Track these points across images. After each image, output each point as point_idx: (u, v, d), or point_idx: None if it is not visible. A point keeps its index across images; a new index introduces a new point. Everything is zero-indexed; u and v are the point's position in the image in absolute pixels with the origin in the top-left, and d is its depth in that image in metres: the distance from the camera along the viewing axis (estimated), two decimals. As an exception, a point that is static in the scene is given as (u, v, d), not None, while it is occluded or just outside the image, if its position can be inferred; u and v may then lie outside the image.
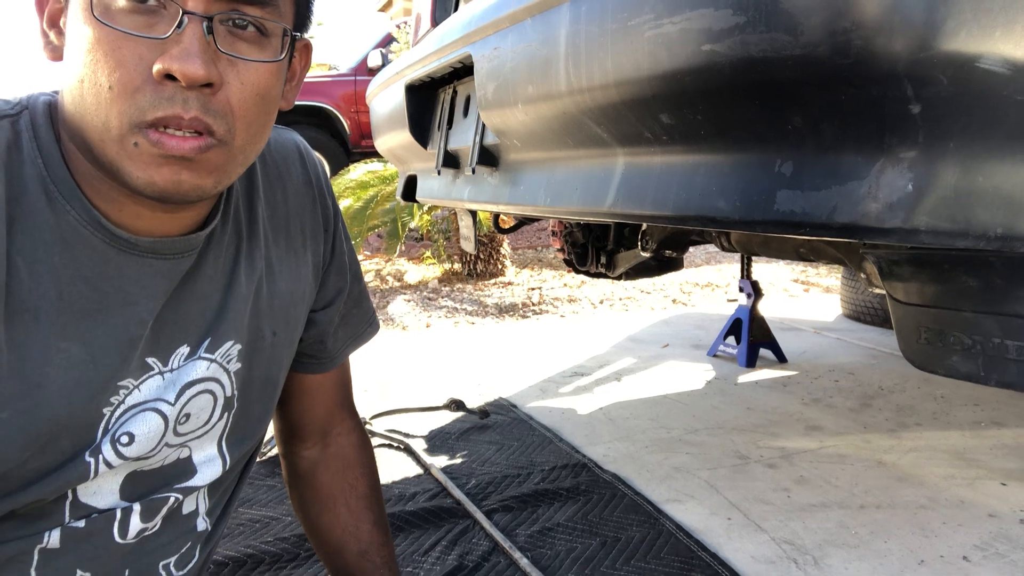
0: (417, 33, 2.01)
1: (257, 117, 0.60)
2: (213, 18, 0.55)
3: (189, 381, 0.70)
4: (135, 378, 0.66)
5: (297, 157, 0.82)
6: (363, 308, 0.94)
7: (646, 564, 1.38)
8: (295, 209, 0.80)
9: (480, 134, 1.26)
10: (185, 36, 0.54)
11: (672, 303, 4.23)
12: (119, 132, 0.54)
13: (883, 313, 3.39)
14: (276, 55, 0.60)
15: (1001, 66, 0.54)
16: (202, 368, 0.71)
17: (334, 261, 0.87)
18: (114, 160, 0.55)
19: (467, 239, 2.15)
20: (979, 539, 1.47)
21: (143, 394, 0.67)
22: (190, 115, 0.54)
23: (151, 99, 0.53)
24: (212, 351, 0.71)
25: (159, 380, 0.68)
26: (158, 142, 0.54)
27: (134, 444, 0.66)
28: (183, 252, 0.66)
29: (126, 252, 0.62)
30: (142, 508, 0.70)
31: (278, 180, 0.79)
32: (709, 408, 2.30)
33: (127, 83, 0.53)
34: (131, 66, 0.53)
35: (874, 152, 0.60)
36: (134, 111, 0.53)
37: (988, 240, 0.59)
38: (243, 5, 0.57)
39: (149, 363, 0.67)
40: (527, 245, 6.72)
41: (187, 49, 0.53)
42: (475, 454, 1.94)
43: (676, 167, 0.79)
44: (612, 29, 0.75)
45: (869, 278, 1.29)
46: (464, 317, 3.90)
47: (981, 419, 2.17)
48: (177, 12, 0.54)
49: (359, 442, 0.97)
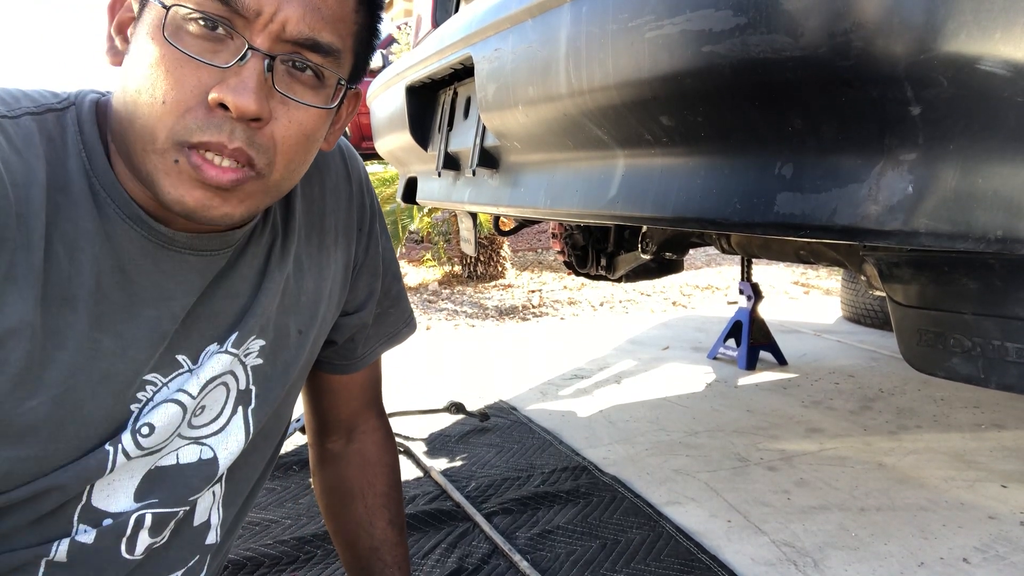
0: (418, 34, 2.01)
1: (298, 155, 0.62)
2: (276, 58, 0.57)
3: (212, 376, 0.70)
4: (164, 375, 0.66)
5: (338, 153, 0.82)
6: (401, 308, 0.95)
7: (646, 566, 1.38)
8: (331, 205, 0.80)
9: (480, 136, 1.26)
10: (245, 70, 0.56)
11: (672, 305, 4.23)
12: (163, 146, 0.56)
13: (883, 315, 3.39)
14: (328, 102, 0.62)
15: (1001, 68, 0.54)
16: (225, 362, 0.71)
17: (367, 262, 0.86)
18: (151, 172, 0.57)
19: (467, 241, 2.15)
20: (979, 541, 1.47)
21: (170, 391, 0.67)
22: (234, 145, 0.56)
23: (200, 122, 0.55)
24: (237, 346, 0.72)
25: (185, 377, 0.68)
26: (198, 167, 0.56)
27: (154, 434, 0.66)
28: (220, 249, 0.67)
29: (164, 247, 0.63)
30: (153, 522, 0.69)
31: (316, 174, 0.79)
32: (709, 410, 2.30)
33: (181, 102, 0.55)
34: (188, 87, 0.55)
35: (874, 154, 0.60)
36: (181, 129, 0.55)
37: (988, 242, 0.59)
38: (307, 51, 0.59)
39: (179, 360, 0.67)
40: (527, 247, 6.73)
41: (244, 83, 0.55)
42: (475, 457, 1.94)
43: (676, 169, 0.79)
44: (612, 30, 0.75)
45: (869, 280, 1.29)
46: (464, 319, 3.90)
47: (981, 421, 2.17)
48: (242, 46, 0.56)
49: (383, 441, 0.97)
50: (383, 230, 0.89)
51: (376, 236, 0.87)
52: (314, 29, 0.58)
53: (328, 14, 0.59)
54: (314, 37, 0.58)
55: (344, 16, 0.61)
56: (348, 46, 0.62)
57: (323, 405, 0.94)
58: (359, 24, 0.63)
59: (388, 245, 0.90)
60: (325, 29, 0.59)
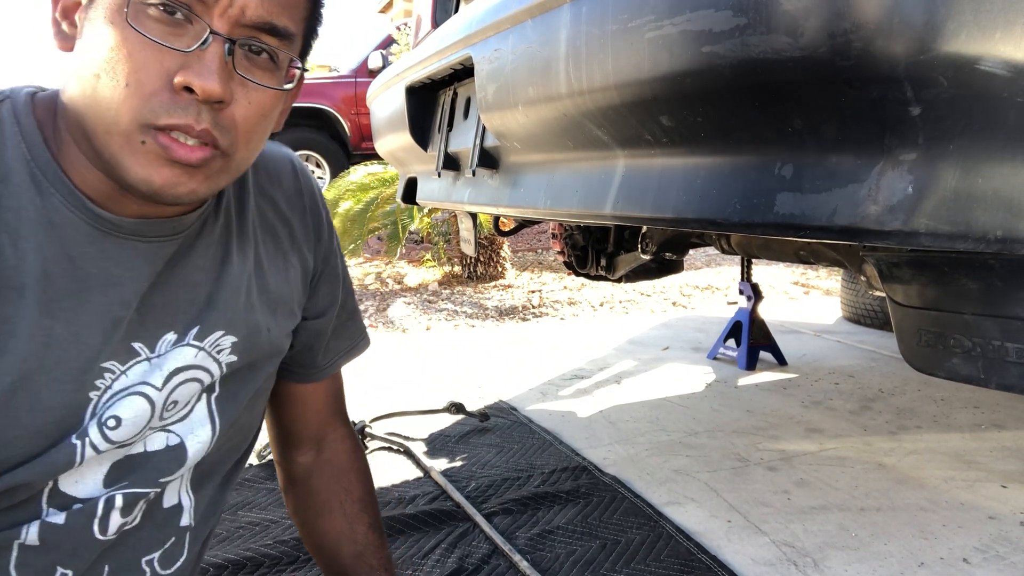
0: (417, 35, 2.01)
1: (256, 134, 0.64)
2: (236, 42, 0.59)
3: (176, 368, 0.70)
4: (121, 363, 0.66)
5: (290, 170, 0.85)
6: (356, 321, 0.97)
7: (646, 567, 1.38)
8: (286, 214, 0.83)
9: (480, 136, 1.26)
10: (207, 54, 0.58)
11: (672, 306, 4.23)
12: (128, 128, 0.57)
13: (883, 316, 3.39)
14: (280, 83, 0.65)
15: (1001, 68, 0.54)
16: (189, 355, 0.71)
17: (327, 271, 0.88)
18: (116, 154, 0.58)
19: (467, 242, 2.15)
20: (979, 541, 1.47)
21: (130, 379, 0.67)
22: (201, 126, 0.58)
23: (166, 105, 0.57)
24: (200, 339, 0.72)
25: (146, 366, 0.68)
26: (167, 147, 0.58)
27: (121, 427, 0.67)
28: (167, 235, 0.67)
29: (110, 234, 0.64)
30: (123, 503, 0.70)
31: (269, 186, 0.81)
32: (709, 411, 2.30)
33: (145, 84, 0.56)
34: (152, 70, 0.57)
35: (874, 154, 0.60)
36: (147, 112, 0.57)
37: (988, 242, 0.59)
38: (263, 34, 0.61)
39: (135, 348, 0.68)
40: (527, 248, 6.73)
41: (208, 66, 0.57)
42: (475, 457, 1.94)
43: (676, 169, 0.79)
44: (612, 31, 0.75)
45: (869, 280, 1.29)
46: (464, 320, 3.90)
47: (981, 421, 2.17)
48: (203, 30, 0.58)
49: (352, 448, 0.98)
50: (338, 244, 0.91)
51: (334, 248, 0.89)
52: (271, 13, 0.61)
53: (283, 0, 0.62)
54: (271, 21, 0.61)
55: (297, 1, 0.64)
56: (300, 30, 0.65)
57: (290, 416, 0.94)
58: (308, 9, 0.66)
59: (343, 259, 0.92)
60: (281, 14, 0.62)
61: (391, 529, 1.51)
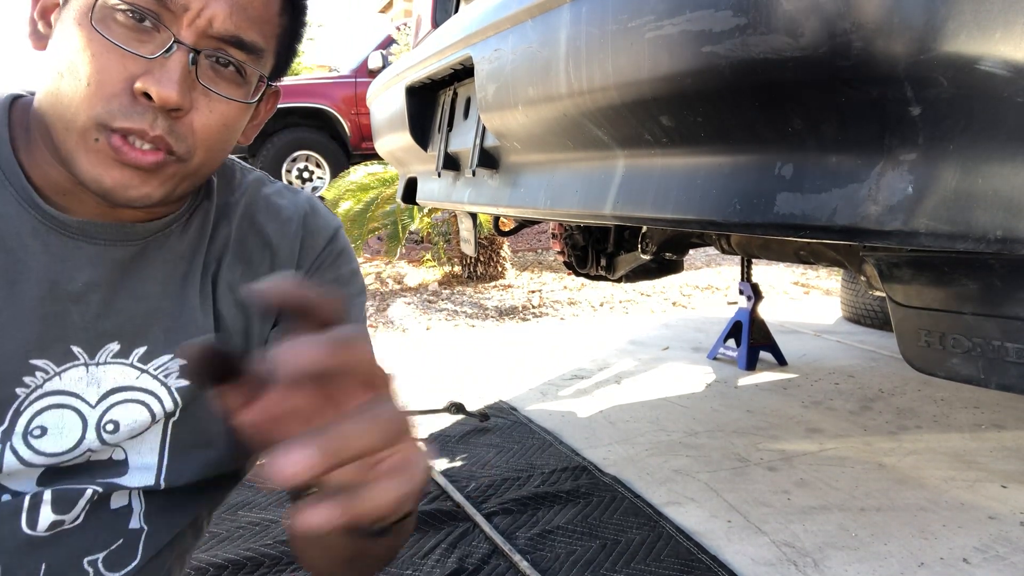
0: (417, 35, 2.01)
1: (217, 144, 0.64)
2: (200, 52, 0.60)
3: (114, 387, 0.67)
4: (56, 363, 0.65)
5: (301, 211, 0.79)
6: None
7: (646, 567, 1.38)
8: (269, 243, 0.77)
9: (480, 136, 1.26)
10: (170, 62, 0.58)
11: (672, 306, 4.23)
12: (84, 125, 0.58)
13: (883, 316, 3.39)
14: (247, 97, 0.65)
15: (1001, 68, 0.54)
16: (130, 376, 0.68)
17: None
18: (71, 150, 0.59)
19: (467, 242, 2.15)
20: (979, 541, 1.47)
21: (63, 383, 0.65)
22: (155, 133, 0.59)
23: (123, 109, 0.58)
24: (145, 361, 0.69)
25: (82, 372, 0.66)
26: (118, 148, 0.58)
27: (47, 438, 0.64)
28: (118, 240, 0.67)
29: (55, 230, 0.64)
30: (53, 498, 0.66)
31: (261, 216, 0.77)
32: (709, 411, 2.30)
33: (105, 85, 0.57)
34: (113, 73, 0.58)
35: (874, 154, 0.60)
36: (104, 112, 0.58)
37: (988, 242, 0.59)
38: (231, 47, 0.61)
39: (74, 351, 0.66)
40: (527, 248, 6.73)
41: (169, 75, 0.58)
42: (475, 457, 1.94)
43: (676, 169, 0.79)
44: (612, 31, 0.75)
45: (869, 281, 1.29)
46: (464, 320, 3.90)
47: (981, 422, 2.17)
48: (168, 39, 0.58)
49: None
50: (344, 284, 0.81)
51: (323, 279, 0.80)
52: (239, 27, 0.61)
53: (253, 14, 0.62)
54: (239, 35, 0.61)
55: (269, 18, 0.64)
56: (271, 47, 0.65)
57: None
58: (283, 27, 0.66)
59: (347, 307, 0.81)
60: (250, 28, 0.62)
61: (391, 529, 1.51)
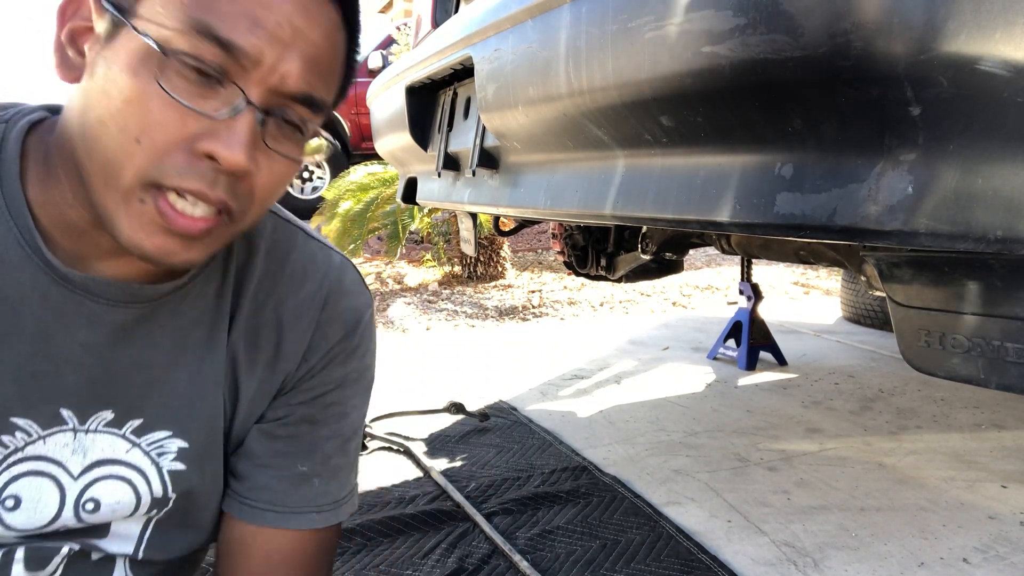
0: (417, 35, 2.01)
1: (270, 202, 0.60)
2: (270, 112, 0.55)
3: (101, 459, 0.62)
4: (41, 426, 0.59)
5: (319, 292, 0.72)
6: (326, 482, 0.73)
7: (646, 567, 1.38)
8: (279, 322, 0.70)
9: (480, 136, 1.26)
10: (238, 123, 0.52)
11: (672, 306, 4.23)
12: (129, 184, 0.52)
13: (883, 316, 3.39)
14: (302, 151, 0.60)
15: (1001, 68, 0.54)
16: (120, 448, 0.63)
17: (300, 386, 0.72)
18: (110, 208, 0.53)
19: (467, 242, 2.15)
20: (979, 541, 1.47)
21: (46, 448, 0.60)
22: (216, 195, 0.53)
23: (181, 168, 0.52)
24: (139, 435, 0.64)
25: (69, 438, 0.61)
26: (165, 214, 0.52)
27: (19, 511, 0.60)
28: (123, 302, 0.60)
29: (58, 283, 0.58)
30: (26, 555, 0.61)
31: (286, 285, 0.71)
32: (709, 411, 2.30)
33: (159, 144, 0.51)
34: (171, 132, 0.51)
35: (874, 154, 0.60)
36: (155, 171, 0.52)
37: (988, 242, 0.59)
38: (299, 105, 0.56)
39: (63, 415, 0.60)
40: (527, 248, 6.73)
41: (238, 137, 0.52)
42: (475, 457, 1.94)
43: (676, 169, 0.79)
44: (612, 31, 0.75)
45: (869, 281, 1.29)
46: (464, 320, 3.90)
47: (981, 422, 2.17)
48: (236, 96, 0.52)
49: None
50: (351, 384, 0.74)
51: (329, 378, 0.73)
52: (312, 86, 0.56)
53: (324, 69, 0.57)
54: (311, 94, 0.56)
55: (335, 70, 0.59)
56: (332, 98, 0.61)
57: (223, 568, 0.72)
58: (342, 77, 0.62)
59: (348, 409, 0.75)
60: (322, 87, 0.57)
61: (391, 529, 1.51)
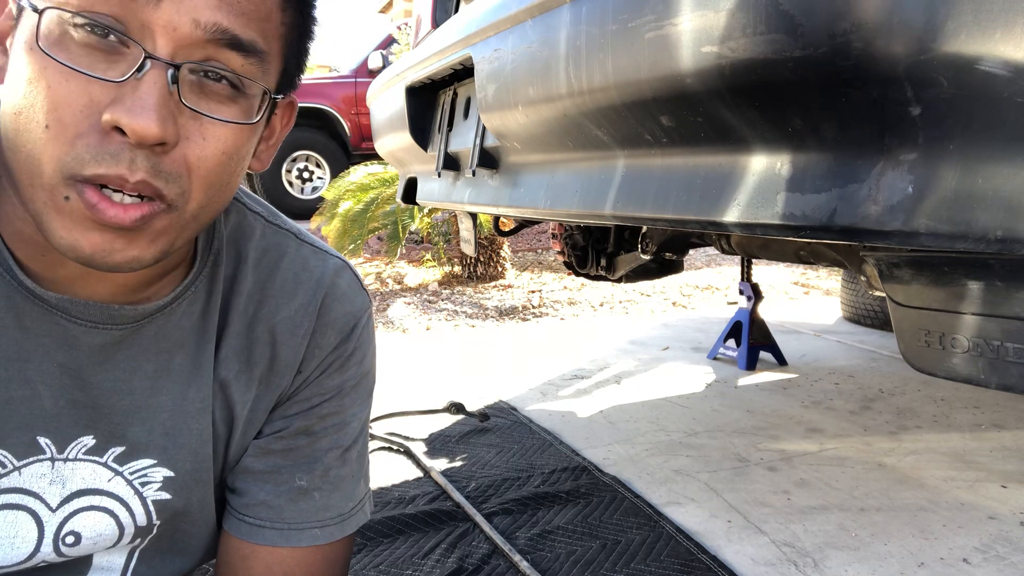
0: (418, 35, 2.01)
1: (219, 179, 0.51)
2: (182, 66, 0.47)
3: (81, 488, 0.59)
4: (17, 456, 0.56)
5: (314, 298, 0.68)
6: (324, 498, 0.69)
7: (646, 567, 1.38)
8: (272, 338, 0.66)
9: (480, 136, 1.26)
10: (143, 84, 0.45)
11: (672, 306, 4.23)
12: (51, 180, 0.46)
13: (883, 316, 3.39)
14: (250, 116, 0.51)
15: (1001, 68, 0.54)
16: (102, 477, 0.59)
17: (296, 397, 0.69)
18: (40, 210, 0.47)
19: (467, 242, 2.15)
20: (979, 541, 1.47)
21: (22, 479, 0.56)
22: (136, 178, 0.46)
23: (93, 151, 0.45)
24: (121, 463, 0.60)
25: (46, 467, 0.57)
26: (93, 206, 0.46)
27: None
28: (98, 322, 0.56)
29: (33, 302, 0.54)
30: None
31: (277, 295, 0.67)
32: (709, 411, 2.30)
33: (68, 125, 0.45)
34: (76, 106, 0.45)
35: (874, 154, 0.60)
36: (71, 160, 0.45)
37: (988, 242, 0.59)
38: (222, 52, 0.48)
39: (40, 443, 0.56)
40: (527, 248, 6.73)
41: (143, 101, 0.45)
42: (475, 457, 1.94)
43: (676, 169, 0.79)
44: (612, 31, 0.75)
45: (869, 281, 1.29)
46: (464, 320, 3.90)
47: (981, 422, 2.17)
48: (139, 55, 0.45)
49: None
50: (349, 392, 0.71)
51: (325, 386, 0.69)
52: (230, 21, 0.48)
53: (247, 8, 0.49)
54: (232, 31, 0.48)
55: (267, 14, 0.50)
56: (275, 50, 0.52)
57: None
58: (287, 25, 0.53)
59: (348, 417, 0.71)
60: (247, 25, 0.49)
61: (391, 529, 1.51)
